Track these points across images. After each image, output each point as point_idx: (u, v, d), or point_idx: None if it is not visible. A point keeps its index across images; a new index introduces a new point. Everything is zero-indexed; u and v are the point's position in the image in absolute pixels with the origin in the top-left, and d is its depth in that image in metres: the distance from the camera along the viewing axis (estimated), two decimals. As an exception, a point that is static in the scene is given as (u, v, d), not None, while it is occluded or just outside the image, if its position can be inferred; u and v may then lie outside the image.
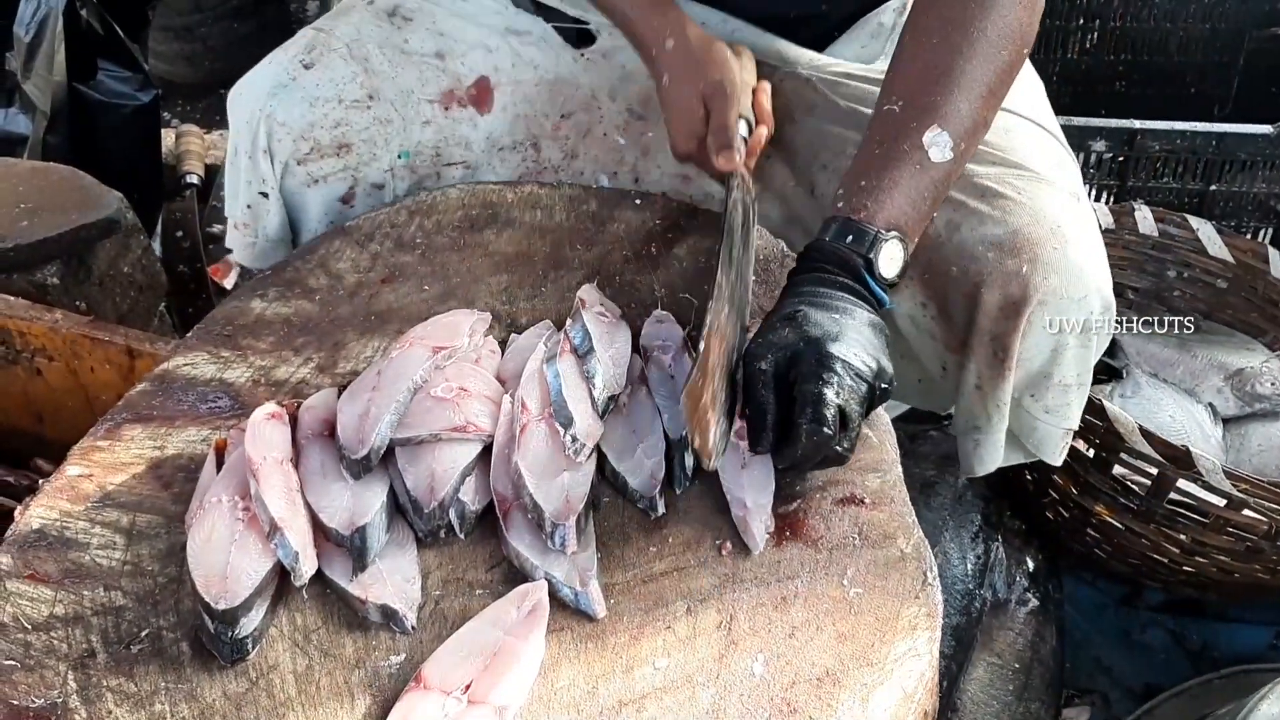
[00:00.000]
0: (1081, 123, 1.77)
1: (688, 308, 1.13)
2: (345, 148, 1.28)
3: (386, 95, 1.29)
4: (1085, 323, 1.11)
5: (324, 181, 1.30)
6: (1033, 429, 1.20)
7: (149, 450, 0.99)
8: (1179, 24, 2.15)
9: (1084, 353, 1.14)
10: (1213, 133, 1.75)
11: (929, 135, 1.02)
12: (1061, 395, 1.16)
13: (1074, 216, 1.13)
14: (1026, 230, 1.11)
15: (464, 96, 1.31)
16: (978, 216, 1.13)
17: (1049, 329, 1.11)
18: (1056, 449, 1.21)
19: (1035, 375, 1.15)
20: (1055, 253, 1.09)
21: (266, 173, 1.29)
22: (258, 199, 1.31)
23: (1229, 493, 1.25)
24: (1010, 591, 1.44)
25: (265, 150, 1.27)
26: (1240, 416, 1.62)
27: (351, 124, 1.28)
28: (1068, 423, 1.19)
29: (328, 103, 1.27)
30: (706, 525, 0.92)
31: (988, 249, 1.12)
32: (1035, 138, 1.21)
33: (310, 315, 1.14)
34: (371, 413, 0.93)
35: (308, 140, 1.27)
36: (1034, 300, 1.09)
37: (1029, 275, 1.09)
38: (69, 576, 0.89)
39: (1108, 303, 1.12)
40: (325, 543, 0.88)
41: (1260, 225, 1.84)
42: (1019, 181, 1.14)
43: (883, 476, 0.96)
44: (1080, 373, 1.15)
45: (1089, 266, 1.11)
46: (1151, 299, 1.77)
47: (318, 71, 1.28)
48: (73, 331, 1.33)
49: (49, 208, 1.55)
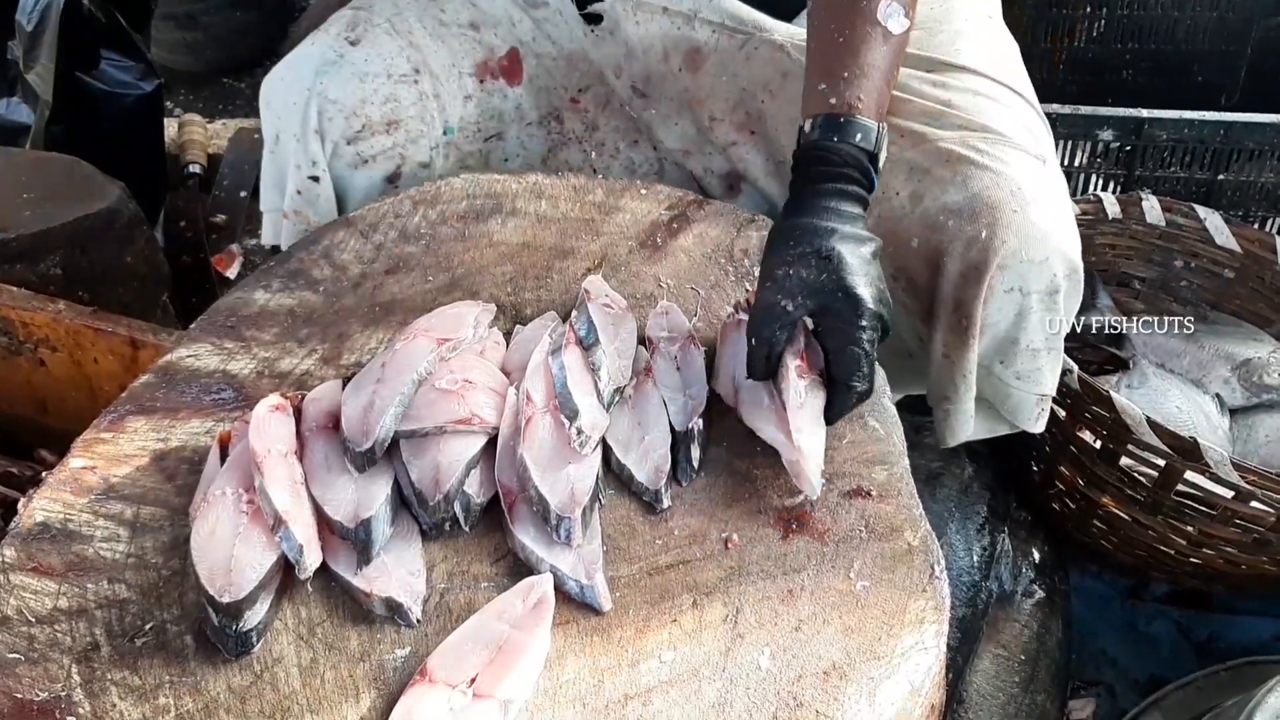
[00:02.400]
0: (1089, 111, 1.76)
1: (693, 298, 1.13)
2: (395, 124, 1.27)
3: (431, 69, 1.29)
4: (1049, 284, 1.10)
5: (373, 162, 1.29)
6: (1006, 396, 1.19)
7: (152, 442, 0.99)
8: (1186, 12, 2.13)
9: (1050, 316, 1.13)
10: (1221, 121, 1.74)
11: (882, 8, 1.03)
12: (1031, 360, 1.15)
13: (1037, 179, 1.12)
14: (986, 194, 1.10)
15: (496, 68, 1.31)
16: (940, 184, 1.13)
17: (1011, 292, 1.10)
18: (1033, 415, 1.20)
19: (1003, 341, 1.14)
20: (1015, 215, 1.08)
21: (317, 154, 1.27)
22: (308, 184, 1.29)
23: (1237, 484, 1.25)
24: (1016, 583, 1.44)
25: (316, 130, 1.25)
26: (1248, 407, 1.61)
27: (400, 99, 1.27)
28: (1041, 388, 1.18)
29: (377, 78, 1.26)
30: (712, 518, 0.91)
31: (948, 216, 1.11)
32: (1001, 100, 1.19)
33: (314, 306, 1.13)
34: (376, 405, 0.92)
35: (359, 117, 1.26)
36: (993, 264, 1.08)
37: (988, 239, 1.08)
38: (73, 569, 0.88)
39: (1072, 265, 1.11)
40: (330, 535, 0.88)
41: (1268, 215, 1.83)
42: (982, 144, 1.13)
43: (890, 469, 0.95)
44: (1049, 336, 1.14)
45: (1052, 228, 1.09)
46: (1158, 289, 1.77)
47: (365, 47, 1.27)
48: (76, 322, 1.33)
49: (51, 198, 1.54)
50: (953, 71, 1.20)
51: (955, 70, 1.20)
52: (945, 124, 1.16)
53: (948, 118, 1.16)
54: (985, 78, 1.20)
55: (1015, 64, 1.27)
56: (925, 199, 1.13)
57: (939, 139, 1.14)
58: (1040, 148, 1.16)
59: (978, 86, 1.19)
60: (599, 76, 1.33)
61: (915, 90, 1.19)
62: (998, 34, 1.28)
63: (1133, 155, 1.78)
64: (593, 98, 1.33)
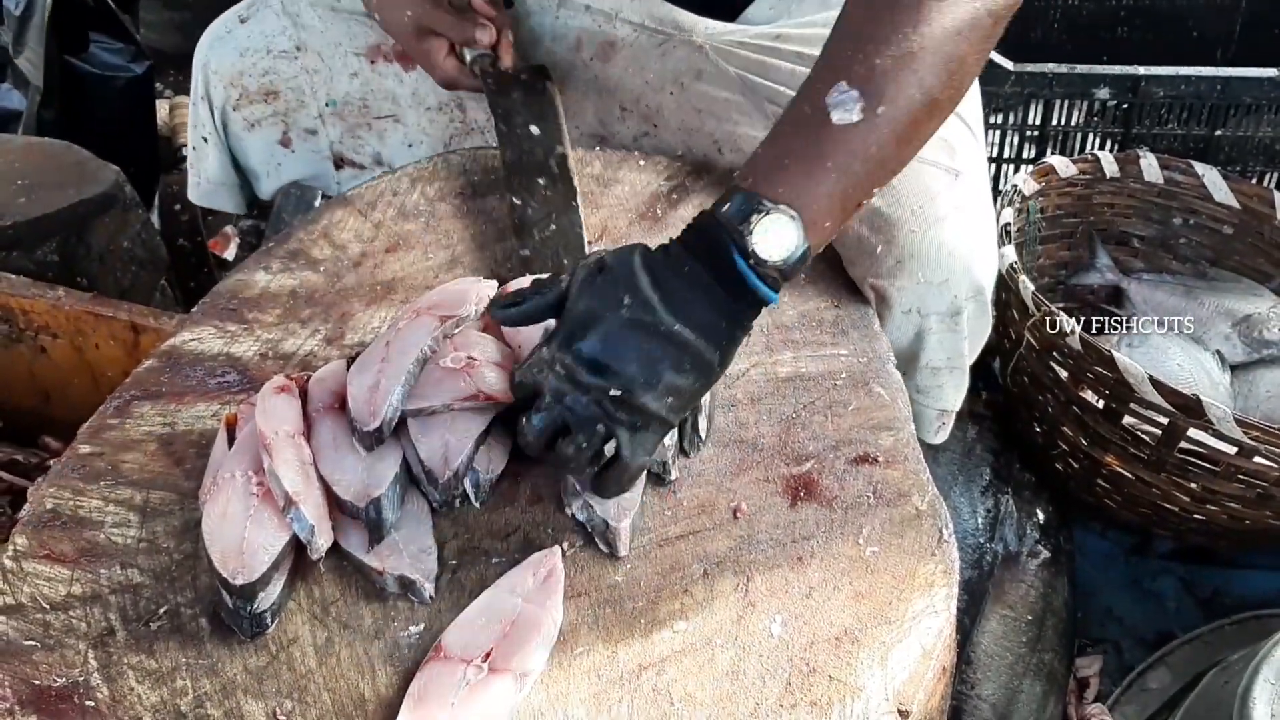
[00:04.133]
0: (1085, 70, 1.75)
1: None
2: (273, 94, 1.37)
3: (314, 47, 1.35)
4: (950, 307, 1.08)
5: (259, 125, 1.39)
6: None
7: (159, 427, 0.99)
8: (1182, -33, 2.13)
9: (952, 338, 1.11)
10: (1217, 77, 1.73)
11: (832, 95, 0.84)
12: (931, 378, 1.15)
13: (945, 196, 1.08)
14: (886, 211, 1.07)
15: (389, 52, 1.35)
16: None
17: (909, 314, 1.09)
18: (932, 428, 1.20)
19: (903, 356, 1.13)
20: (912, 235, 1.06)
21: (205, 118, 1.39)
22: (200, 143, 1.42)
23: (1240, 440, 1.25)
24: (1021, 544, 1.45)
25: (204, 97, 1.38)
26: (1248, 363, 1.61)
27: (279, 72, 1.36)
28: (942, 404, 1.17)
29: (256, 53, 1.35)
30: (720, 488, 0.92)
31: (851, 233, 1.09)
32: None
33: (316, 286, 1.13)
34: (382, 385, 0.92)
35: (237, 87, 1.36)
36: (885, 283, 1.07)
37: (883, 257, 1.07)
38: (85, 555, 0.89)
39: (977, 287, 1.08)
40: (340, 515, 0.88)
41: (1266, 169, 1.82)
42: None
43: (896, 434, 0.96)
44: (951, 356, 1.13)
45: (957, 248, 1.06)
46: (1157, 246, 1.77)
47: (250, 25, 1.36)
48: (76, 309, 1.33)
49: (46, 184, 1.54)
50: None
51: None
52: None
53: None
54: None
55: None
56: None
57: None
58: (956, 161, 1.11)
59: None
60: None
61: None
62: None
63: (1130, 113, 1.78)
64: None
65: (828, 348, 1.04)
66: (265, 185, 1.44)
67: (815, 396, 0.99)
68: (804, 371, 1.01)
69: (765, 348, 1.04)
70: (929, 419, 1.20)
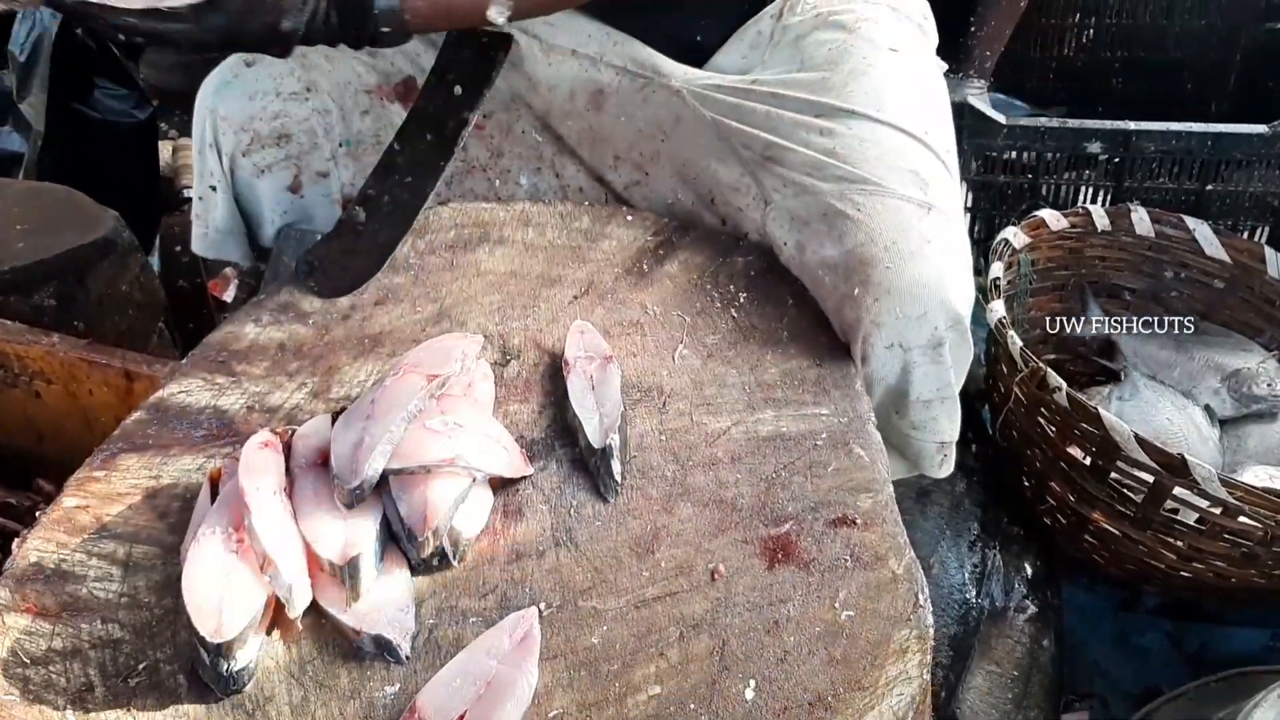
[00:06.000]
0: (1077, 124, 1.77)
1: (679, 324, 1.14)
2: (285, 137, 1.35)
3: (323, 87, 1.35)
4: (931, 338, 1.09)
5: (269, 171, 1.36)
6: (907, 444, 1.19)
7: (145, 480, 1.00)
8: (1174, 20, 2.15)
9: (938, 369, 1.12)
10: (1208, 133, 1.74)
11: None
12: (924, 411, 1.15)
13: (917, 230, 1.10)
14: (860, 250, 1.09)
15: (390, 92, 1.36)
16: (818, 238, 1.13)
17: (892, 349, 1.10)
18: (934, 462, 1.21)
19: (894, 393, 1.14)
20: (888, 272, 1.07)
21: (214, 166, 1.36)
22: (208, 192, 1.39)
23: (1224, 500, 1.25)
24: (1008, 599, 1.45)
25: (212, 144, 1.35)
26: (1237, 417, 1.62)
27: (290, 115, 1.34)
28: (939, 436, 1.18)
29: (266, 95, 1.34)
30: (699, 549, 0.92)
31: (826, 272, 1.12)
32: (888, 145, 1.16)
33: (304, 339, 1.14)
34: (365, 443, 0.93)
35: (248, 131, 1.34)
36: (866, 322, 1.08)
37: (860, 297, 1.08)
38: (67, 609, 0.89)
39: (955, 317, 1.09)
40: (319, 572, 0.89)
41: (1257, 224, 1.83)
42: (859, 197, 1.12)
43: (875, 496, 0.96)
44: (940, 387, 1.13)
45: (931, 281, 1.08)
46: (1149, 299, 1.77)
47: (257, 68, 1.35)
48: (70, 355, 1.34)
49: (46, 229, 1.56)
50: (841, 116, 1.18)
51: (844, 115, 1.18)
52: (826, 175, 1.15)
53: (829, 169, 1.15)
54: (874, 121, 1.17)
55: (917, 100, 1.23)
56: (807, 250, 1.14)
57: (819, 191, 1.14)
58: (929, 195, 1.13)
59: (864, 133, 1.16)
60: (504, 105, 1.35)
61: (801, 140, 1.18)
62: (901, 68, 1.24)
63: (1121, 167, 1.79)
64: (497, 124, 1.35)
65: (809, 406, 1.04)
66: (268, 231, 1.43)
67: (796, 456, 1.00)
68: (785, 431, 1.02)
69: (747, 406, 1.04)
70: (929, 453, 1.20)
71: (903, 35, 1.28)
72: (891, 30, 1.26)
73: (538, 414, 1.05)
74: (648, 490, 0.97)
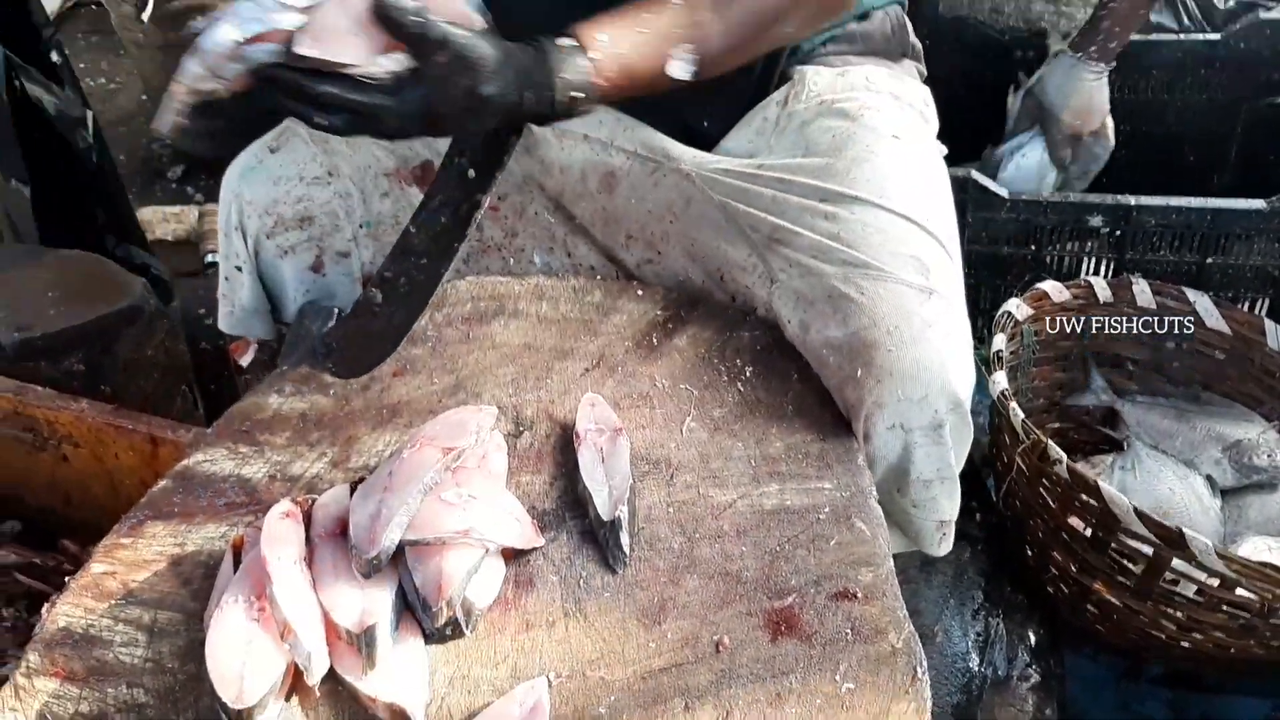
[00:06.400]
0: (1078, 198, 1.81)
1: (687, 397, 1.17)
2: (308, 220, 1.39)
3: (344, 171, 1.39)
4: (931, 421, 1.12)
5: (293, 252, 1.40)
6: (908, 521, 1.22)
7: (170, 547, 1.03)
8: (1176, 96, 2.19)
9: (939, 450, 1.14)
10: (1207, 208, 1.78)
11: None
12: (924, 490, 1.18)
13: (919, 315, 1.13)
14: (863, 333, 1.12)
15: (408, 175, 1.40)
16: (823, 319, 1.16)
17: (893, 429, 1.13)
18: (934, 540, 1.23)
19: (895, 472, 1.16)
20: (890, 355, 1.11)
21: (239, 248, 1.40)
22: (234, 273, 1.43)
23: (1222, 572, 1.28)
24: (1011, 667, 1.46)
25: (238, 227, 1.39)
26: (1239, 488, 1.64)
27: (313, 198, 1.39)
28: (939, 515, 1.20)
29: (289, 180, 1.38)
30: (704, 621, 0.95)
31: (830, 352, 1.15)
32: (891, 231, 1.19)
33: (325, 410, 1.18)
34: (383, 514, 0.96)
35: (271, 215, 1.38)
36: (868, 403, 1.11)
37: (863, 379, 1.11)
38: (94, 674, 0.93)
39: (955, 400, 1.12)
40: (337, 640, 0.92)
41: (1257, 296, 1.86)
42: (863, 281, 1.15)
43: (875, 570, 0.99)
44: (940, 468, 1.16)
45: (932, 365, 1.11)
46: (1151, 370, 1.80)
47: (282, 154, 1.39)
48: (98, 420, 1.38)
49: (75, 296, 1.61)
50: (845, 202, 1.21)
51: (848, 201, 1.21)
52: (831, 258, 1.18)
53: (833, 252, 1.18)
54: (877, 207, 1.21)
55: (919, 186, 1.26)
56: (811, 330, 1.17)
57: (824, 274, 1.18)
58: (930, 280, 1.16)
59: (868, 218, 1.20)
60: (517, 187, 1.39)
61: (807, 224, 1.22)
62: (903, 155, 1.27)
63: (1123, 239, 1.83)
64: (511, 206, 1.40)
65: (812, 480, 1.08)
66: (291, 308, 1.46)
67: (799, 530, 1.03)
68: (789, 504, 1.05)
69: (752, 479, 1.08)
70: (929, 531, 1.22)
71: (905, 122, 1.32)
72: (894, 118, 1.31)
73: (549, 485, 1.08)
74: (655, 562, 1.01)
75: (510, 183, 1.38)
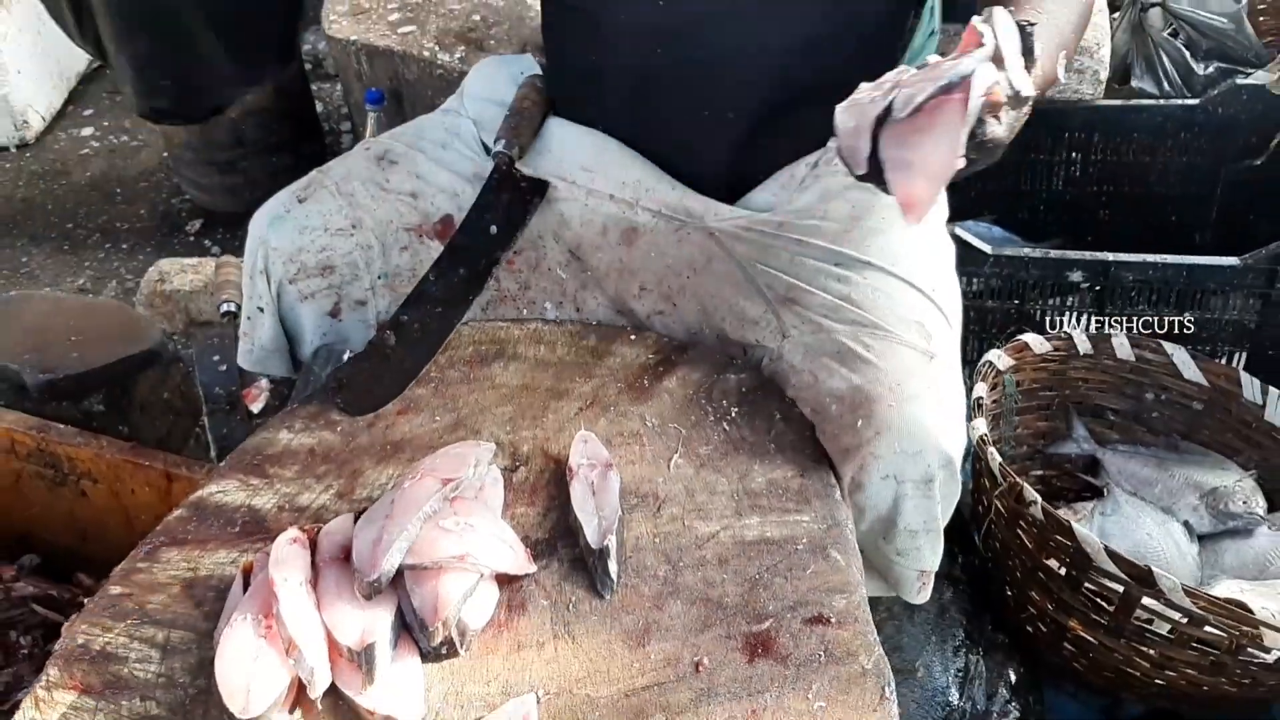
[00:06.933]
0: (1058, 255, 1.88)
1: (675, 436, 1.24)
2: (329, 269, 1.45)
3: (368, 224, 1.45)
4: (924, 474, 1.18)
5: (313, 298, 1.46)
6: (889, 568, 1.28)
7: (183, 572, 1.10)
8: (1158, 158, 2.27)
9: (927, 503, 1.20)
10: (1183, 264, 1.84)
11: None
12: (910, 540, 1.24)
13: (920, 375, 1.21)
14: (867, 388, 1.19)
15: (430, 230, 1.46)
16: (830, 372, 1.23)
17: (887, 479, 1.19)
18: (913, 589, 1.29)
19: (883, 520, 1.22)
20: (891, 410, 1.17)
21: (263, 291, 1.46)
22: (256, 313, 1.49)
23: (1189, 609, 1.32)
24: (991, 704, 1.50)
25: (263, 271, 1.45)
26: (1215, 533, 1.69)
27: (335, 249, 1.44)
28: (921, 565, 1.26)
29: (315, 230, 1.44)
30: (685, 643, 1.01)
31: (834, 402, 1.21)
32: (898, 296, 1.28)
33: (332, 445, 1.25)
34: (384, 539, 1.02)
35: (295, 262, 1.44)
36: (865, 452, 1.18)
37: (863, 429, 1.18)
38: (109, 687, 0.99)
39: (947, 458, 1.18)
40: (339, 657, 0.98)
41: (1233, 349, 1.92)
42: (870, 340, 1.23)
43: (848, 597, 1.05)
44: (927, 520, 1.22)
45: (930, 423, 1.18)
46: (1131, 420, 1.86)
47: (309, 205, 1.45)
48: (116, 457, 1.45)
49: (96, 340, 1.69)
50: (859, 267, 1.29)
51: (861, 266, 1.29)
52: (841, 317, 1.26)
53: (844, 311, 1.26)
54: (888, 274, 1.29)
55: (927, 259, 1.34)
56: (819, 381, 1.24)
57: (834, 331, 1.25)
58: (931, 344, 1.24)
59: (878, 283, 1.28)
60: (533, 242, 1.46)
61: (821, 285, 1.30)
62: (915, 231, 1.33)
63: (1102, 294, 1.89)
64: (526, 260, 1.46)
65: (791, 514, 1.14)
66: (308, 350, 1.51)
67: (778, 559, 1.09)
68: (769, 536, 1.11)
69: (735, 512, 1.14)
70: (910, 579, 1.28)
71: None
72: None
73: (543, 516, 1.15)
74: (641, 588, 1.06)
75: (528, 237, 1.45)
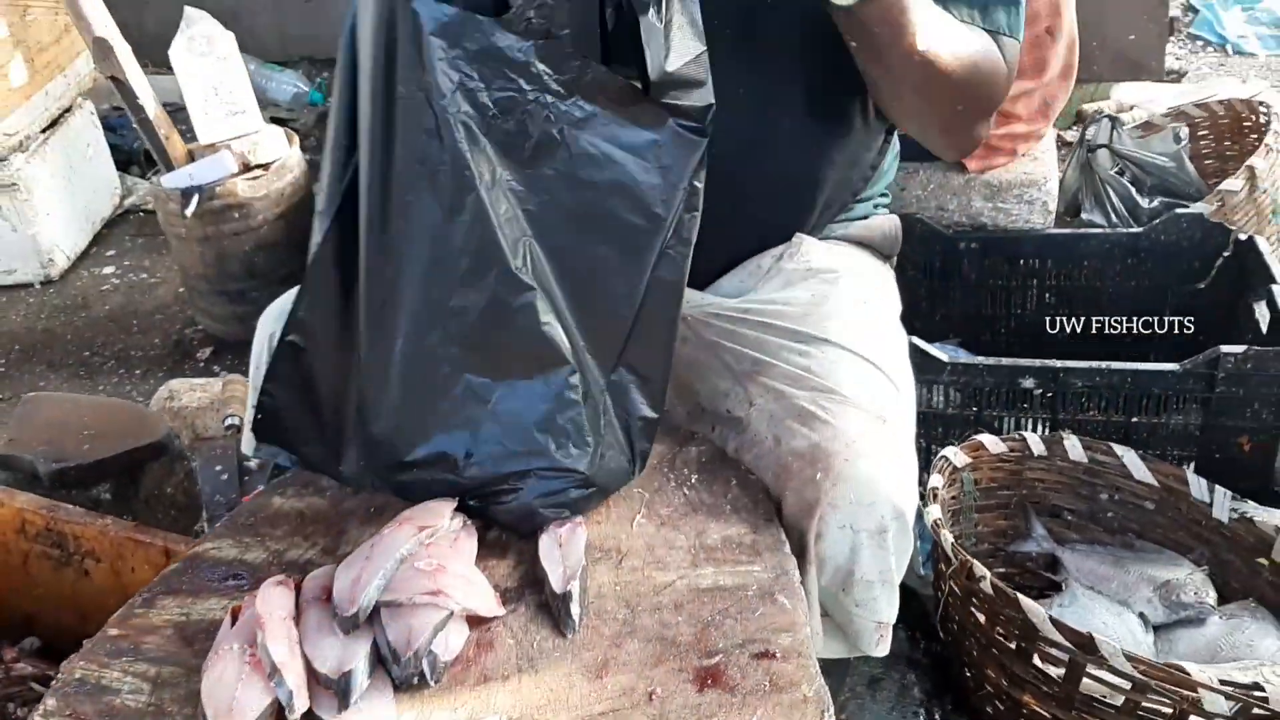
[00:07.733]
0: (1010, 363, 2.00)
1: (639, 499, 1.33)
2: None
3: None
4: (878, 525, 1.27)
5: None
6: (849, 621, 1.35)
7: (177, 616, 1.18)
8: (1108, 283, 2.42)
9: (881, 553, 1.29)
10: (1128, 370, 1.96)
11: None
12: (866, 590, 1.31)
13: (873, 435, 1.31)
14: (824, 444, 1.30)
15: None
16: (792, 433, 1.34)
17: (844, 529, 1.28)
18: (872, 640, 1.36)
19: (841, 571, 1.30)
20: (846, 464, 1.27)
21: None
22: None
23: (1132, 675, 1.39)
24: (951, 781, 1.55)
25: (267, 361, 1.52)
26: (1169, 623, 1.75)
27: None
28: (878, 615, 1.33)
29: None
30: (640, 675, 1.08)
31: (794, 459, 1.32)
32: (856, 369, 1.40)
33: (320, 509, 1.35)
34: (362, 578, 1.11)
35: None
36: (824, 503, 1.27)
37: (821, 481, 1.28)
38: (102, 715, 1.06)
39: (898, 511, 1.28)
40: (317, 686, 1.05)
41: (1181, 451, 2.01)
42: (827, 403, 1.34)
43: (793, 635, 1.13)
44: (882, 570, 1.30)
45: (880, 477, 1.27)
46: (1087, 519, 1.94)
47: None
48: (120, 534, 1.54)
49: (108, 434, 1.80)
50: (817, 343, 1.43)
51: (820, 342, 1.43)
52: (802, 385, 1.38)
53: (805, 380, 1.38)
54: (844, 349, 1.42)
55: (879, 339, 1.48)
56: (782, 443, 1.35)
57: (795, 397, 1.37)
58: (880, 409, 1.36)
59: (835, 357, 1.41)
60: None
61: (783, 358, 1.42)
62: (869, 315, 1.50)
63: (1054, 400, 2.00)
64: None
65: (744, 564, 1.22)
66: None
67: (730, 604, 1.17)
68: (722, 584, 1.20)
69: (691, 563, 1.23)
70: (868, 631, 1.35)
71: (872, 292, 1.56)
72: (865, 287, 1.55)
73: (513, 568, 1.24)
74: (601, 629, 1.15)
75: None
